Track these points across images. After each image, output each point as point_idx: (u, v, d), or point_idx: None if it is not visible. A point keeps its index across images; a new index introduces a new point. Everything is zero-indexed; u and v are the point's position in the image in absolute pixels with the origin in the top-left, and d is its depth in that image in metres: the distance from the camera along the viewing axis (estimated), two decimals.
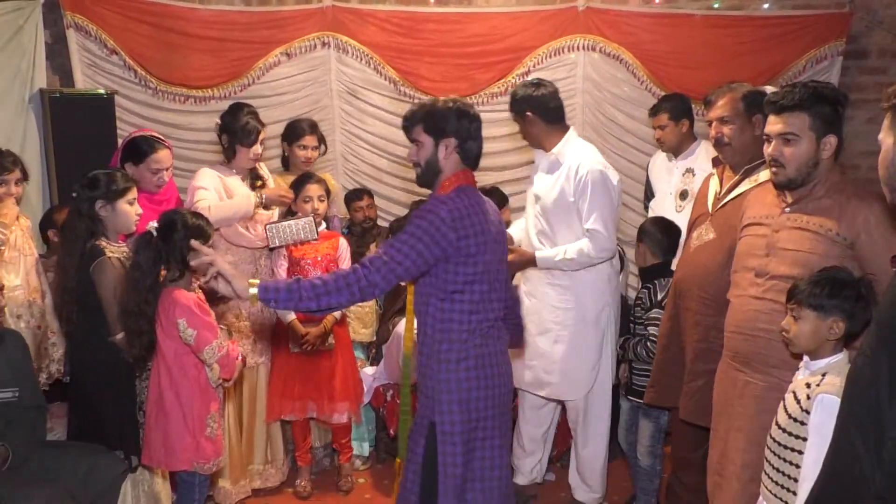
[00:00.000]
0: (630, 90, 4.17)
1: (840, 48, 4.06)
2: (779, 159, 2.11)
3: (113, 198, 2.43)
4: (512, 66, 4.16)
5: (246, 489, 3.19)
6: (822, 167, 2.10)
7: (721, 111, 2.54)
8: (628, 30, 4.12)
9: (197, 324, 2.30)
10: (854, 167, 4.22)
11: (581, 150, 2.90)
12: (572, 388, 2.97)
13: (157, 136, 2.89)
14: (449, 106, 2.15)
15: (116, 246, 2.47)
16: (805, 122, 2.08)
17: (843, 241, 2.05)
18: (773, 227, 2.18)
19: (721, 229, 2.50)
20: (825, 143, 2.08)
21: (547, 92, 2.84)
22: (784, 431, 1.90)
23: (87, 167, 2.56)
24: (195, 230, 2.30)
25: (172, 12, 4.02)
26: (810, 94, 2.06)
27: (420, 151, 2.19)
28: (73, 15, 3.92)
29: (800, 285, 1.95)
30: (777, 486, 1.93)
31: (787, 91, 2.10)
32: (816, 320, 1.90)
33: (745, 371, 2.22)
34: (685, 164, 3.49)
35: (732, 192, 2.51)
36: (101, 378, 2.45)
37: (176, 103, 4.12)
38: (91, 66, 4.02)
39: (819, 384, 1.85)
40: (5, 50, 3.70)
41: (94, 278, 2.38)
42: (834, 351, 1.92)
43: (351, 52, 4.17)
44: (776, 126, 2.12)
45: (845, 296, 1.88)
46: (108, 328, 2.40)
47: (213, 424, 2.38)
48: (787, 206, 2.17)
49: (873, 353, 1.33)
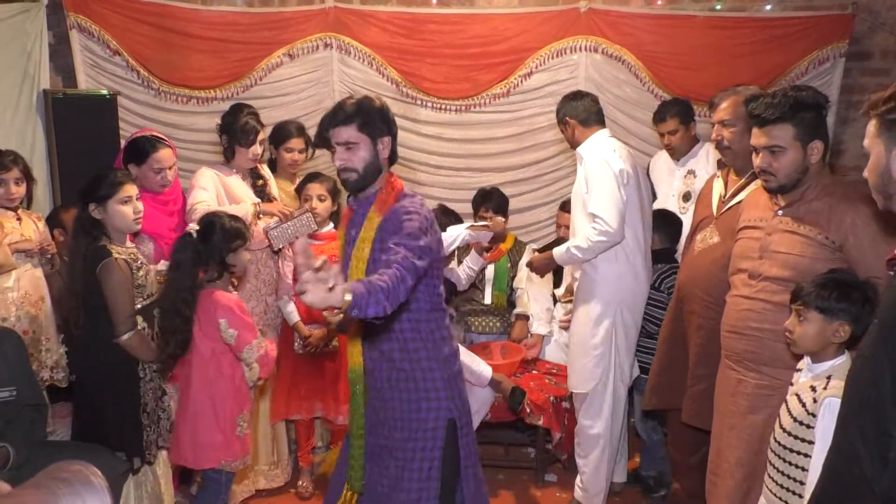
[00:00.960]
0: (632, 91, 4.16)
1: (842, 50, 4.05)
2: (768, 170, 2.13)
3: (102, 199, 2.41)
4: (514, 67, 4.16)
5: (249, 489, 3.20)
6: (812, 171, 2.12)
7: (723, 114, 2.55)
8: (630, 31, 4.12)
9: (238, 324, 2.39)
10: (855, 168, 4.21)
11: (597, 144, 2.94)
12: (577, 381, 3.03)
13: (158, 136, 2.87)
14: (381, 102, 2.09)
15: (123, 247, 2.46)
16: (789, 132, 2.09)
17: (831, 245, 2.06)
18: (766, 230, 2.20)
19: (725, 233, 2.50)
20: (812, 149, 2.09)
21: (583, 100, 3.03)
22: (789, 434, 1.91)
23: (90, 168, 2.56)
24: (233, 232, 2.40)
25: (175, 13, 4.03)
26: (791, 105, 2.07)
27: (357, 153, 2.03)
28: (75, 16, 3.93)
29: (805, 287, 1.94)
30: (781, 489, 1.93)
31: (768, 103, 2.10)
32: (823, 322, 1.90)
33: (737, 369, 2.24)
34: (688, 167, 3.50)
35: (738, 196, 2.51)
36: (102, 379, 2.45)
37: (178, 104, 4.13)
38: (94, 67, 4.04)
39: (825, 388, 1.85)
40: (13, 52, 3.71)
41: (101, 279, 2.38)
42: (837, 354, 1.92)
43: (353, 53, 4.17)
44: (761, 139, 2.13)
45: (853, 299, 1.88)
46: (113, 329, 2.40)
47: (243, 424, 2.46)
48: (780, 208, 2.18)
49: (873, 353, 1.34)
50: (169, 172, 2.81)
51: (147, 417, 2.46)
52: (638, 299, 2.98)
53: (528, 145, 4.27)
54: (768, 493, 1.99)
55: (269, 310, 3.13)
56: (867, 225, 2.02)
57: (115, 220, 2.43)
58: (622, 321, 2.93)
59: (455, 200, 4.01)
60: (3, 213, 3.02)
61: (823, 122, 2.13)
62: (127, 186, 2.44)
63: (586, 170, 2.89)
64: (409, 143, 4.30)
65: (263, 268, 3.12)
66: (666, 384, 2.74)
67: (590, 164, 2.88)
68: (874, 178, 1.43)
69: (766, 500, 2.02)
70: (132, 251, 2.48)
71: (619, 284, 2.90)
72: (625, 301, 2.92)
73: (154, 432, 2.50)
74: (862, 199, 2.01)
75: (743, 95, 2.52)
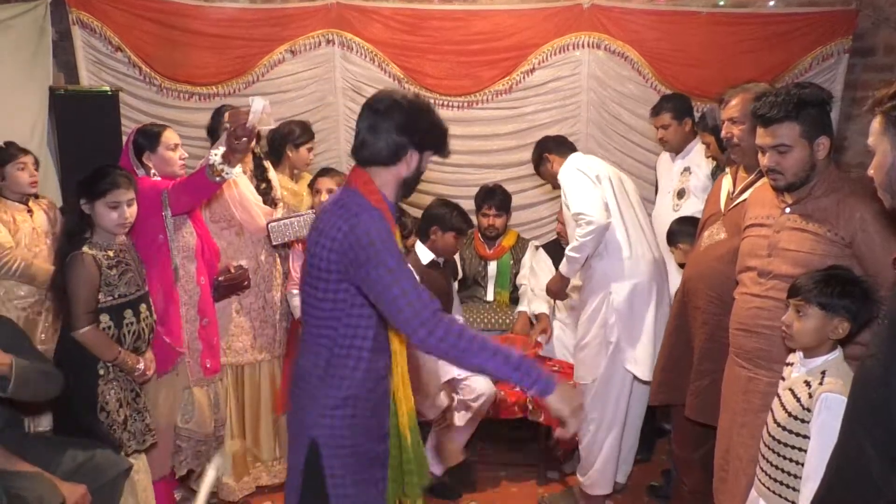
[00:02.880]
0: (635, 88, 4.15)
1: (846, 46, 4.03)
2: (775, 169, 2.11)
3: (92, 198, 2.40)
4: (516, 63, 4.15)
5: (250, 486, 3.19)
6: (819, 167, 2.10)
7: (732, 111, 2.52)
8: (633, 27, 4.10)
9: None
10: (860, 165, 4.20)
11: (570, 164, 3.11)
12: (582, 372, 3.13)
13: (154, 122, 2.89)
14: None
15: (105, 244, 2.43)
16: (795, 130, 2.06)
17: (840, 241, 2.04)
18: (774, 227, 2.17)
19: (732, 229, 2.48)
20: (818, 145, 2.07)
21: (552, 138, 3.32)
22: (784, 429, 1.90)
23: (92, 163, 2.54)
24: None
25: (177, 9, 4.04)
26: (795, 103, 2.04)
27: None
28: (78, 12, 3.93)
29: (804, 282, 1.94)
30: (775, 483, 1.93)
31: (771, 102, 2.08)
32: (823, 318, 1.89)
33: (748, 367, 2.23)
34: (683, 164, 3.49)
35: (745, 193, 2.49)
36: (64, 372, 2.39)
37: (180, 100, 4.14)
38: (96, 64, 4.04)
39: (821, 383, 1.85)
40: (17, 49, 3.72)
41: (65, 271, 2.37)
42: (830, 349, 1.92)
43: (355, 50, 4.17)
44: (766, 139, 2.11)
45: (855, 296, 1.88)
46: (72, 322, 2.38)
47: None
48: (787, 206, 2.16)
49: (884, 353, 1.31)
50: (181, 150, 2.78)
51: (107, 417, 2.41)
52: (640, 293, 3.02)
53: (531, 142, 4.21)
54: (760, 485, 1.99)
55: (268, 306, 3.13)
56: (876, 220, 2.00)
57: (99, 220, 2.41)
58: (619, 313, 3.00)
59: (457, 197, 3.99)
60: (15, 206, 3.06)
61: (828, 118, 2.11)
62: (118, 192, 2.40)
63: (563, 187, 3.06)
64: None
65: (263, 264, 3.12)
66: (672, 380, 2.73)
67: (564, 179, 3.06)
68: (880, 176, 1.41)
69: (757, 492, 2.01)
70: (111, 253, 2.43)
71: (612, 279, 3.00)
72: (621, 294, 2.99)
73: (121, 433, 2.43)
74: (870, 195, 1.98)
75: (752, 93, 2.48)
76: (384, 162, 1.82)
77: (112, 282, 2.42)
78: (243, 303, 3.06)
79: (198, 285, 2.78)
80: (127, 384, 2.49)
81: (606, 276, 3.02)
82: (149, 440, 2.54)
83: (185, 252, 2.74)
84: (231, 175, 2.54)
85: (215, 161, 2.49)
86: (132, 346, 2.48)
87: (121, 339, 2.45)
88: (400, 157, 1.82)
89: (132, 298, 2.47)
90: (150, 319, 2.55)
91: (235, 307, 3.05)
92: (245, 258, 3.05)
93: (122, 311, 2.45)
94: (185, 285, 2.75)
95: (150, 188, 2.61)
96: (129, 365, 2.46)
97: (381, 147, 1.81)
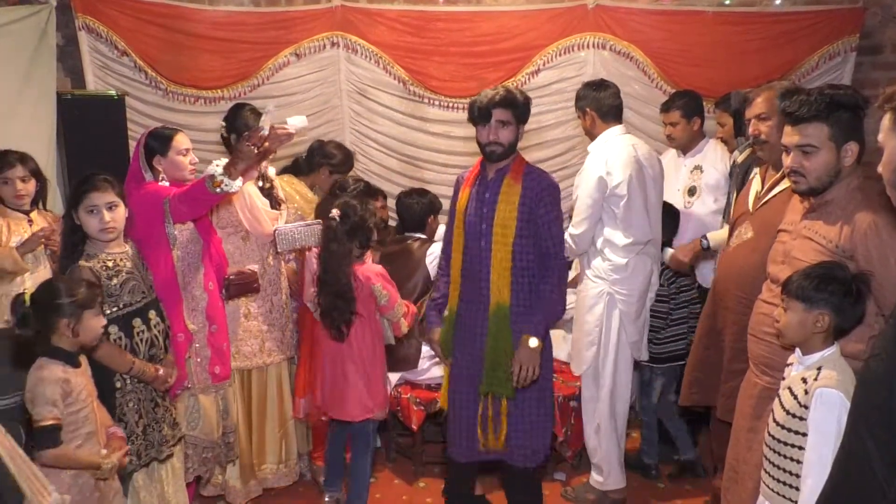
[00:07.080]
0: (640, 88, 4.14)
1: (853, 44, 4.01)
2: (798, 170, 2.05)
3: (74, 205, 2.35)
4: (521, 64, 4.15)
5: (257, 489, 3.19)
6: (843, 174, 2.04)
7: (758, 109, 2.51)
8: (638, 27, 4.10)
9: (388, 286, 2.90)
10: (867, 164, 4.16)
11: (606, 144, 2.99)
12: (576, 364, 3.18)
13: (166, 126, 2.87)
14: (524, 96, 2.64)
15: (101, 254, 2.37)
16: (823, 132, 2.00)
17: (841, 253, 1.99)
18: (792, 234, 2.15)
19: (759, 228, 2.46)
20: (846, 151, 2.01)
21: (605, 91, 3.04)
22: (783, 428, 1.90)
23: (98, 169, 2.50)
24: (369, 213, 2.86)
25: (182, 13, 4.05)
26: (827, 103, 1.98)
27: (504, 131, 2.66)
28: (84, 17, 3.95)
29: (793, 277, 1.95)
30: (778, 483, 1.93)
31: (802, 101, 2.01)
32: (803, 312, 1.90)
33: (755, 372, 2.23)
34: (693, 162, 3.49)
35: (773, 191, 2.47)
36: None
37: (186, 104, 4.15)
38: (102, 68, 4.05)
39: (816, 378, 1.84)
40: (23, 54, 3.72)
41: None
42: (825, 345, 1.92)
43: (360, 52, 4.18)
44: (793, 137, 2.05)
45: (832, 290, 1.88)
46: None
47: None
48: (806, 212, 2.13)
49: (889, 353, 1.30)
50: (192, 154, 2.74)
51: (125, 428, 2.35)
52: (638, 286, 3.03)
53: (535, 143, 4.26)
54: (765, 488, 1.98)
55: (275, 309, 3.12)
56: (877, 234, 1.94)
57: (85, 227, 2.35)
58: (616, 307, 3.02)
59: None
60: (14, 215, 3.04)
61: (860, 124, 2.03)
62: (94, 195, 2.32)
63: (585, 167, 3.02)
64: (417, 142, 4.30)
65: (270, 267, 3.12)
66: (705, 381, 2.72)
67: (589, 162, 3.01)
68: (888, 174, 1.40)
69: (763, 496, 2.01)
70: (111, 258, 2.39)
71: (609, 274, 3.00)
72: (617, 289, 3.00)
73: (141, 442, 2.40)
74: (879, 206, 1.94)
75: (777, 89, 2.48)
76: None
77: (114, 292, 2.35)
78: (251, 307, 3.06)
79: (205, 291, 2.77)
80: (146, 394, 2.43)
81: (607, 270, 3.00)
82: (165, 451, 2.49)
83: (190, 259, 2.72)
84: (231, 188, 2.46)
85: (216, 172, 2.43)
86: (147, 354, 2.42)
87: (134, 348, 2.38)
88: None
89: (139, 306, 2.41)
90: (162, 325, 2.48)
91: (244, 311, 3.05)
92: (252, 262, 3.05)
93: (131, 320, 2.39)
94: (193, 291, 2.73)
95: (152, 194, 2.57)
96: (149, 374, 2.40)
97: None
